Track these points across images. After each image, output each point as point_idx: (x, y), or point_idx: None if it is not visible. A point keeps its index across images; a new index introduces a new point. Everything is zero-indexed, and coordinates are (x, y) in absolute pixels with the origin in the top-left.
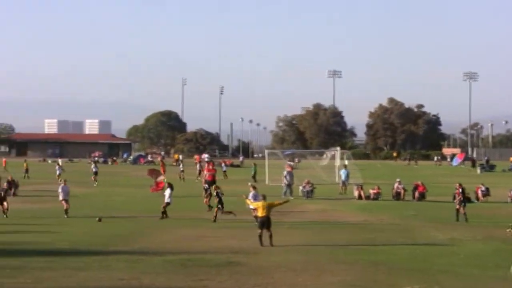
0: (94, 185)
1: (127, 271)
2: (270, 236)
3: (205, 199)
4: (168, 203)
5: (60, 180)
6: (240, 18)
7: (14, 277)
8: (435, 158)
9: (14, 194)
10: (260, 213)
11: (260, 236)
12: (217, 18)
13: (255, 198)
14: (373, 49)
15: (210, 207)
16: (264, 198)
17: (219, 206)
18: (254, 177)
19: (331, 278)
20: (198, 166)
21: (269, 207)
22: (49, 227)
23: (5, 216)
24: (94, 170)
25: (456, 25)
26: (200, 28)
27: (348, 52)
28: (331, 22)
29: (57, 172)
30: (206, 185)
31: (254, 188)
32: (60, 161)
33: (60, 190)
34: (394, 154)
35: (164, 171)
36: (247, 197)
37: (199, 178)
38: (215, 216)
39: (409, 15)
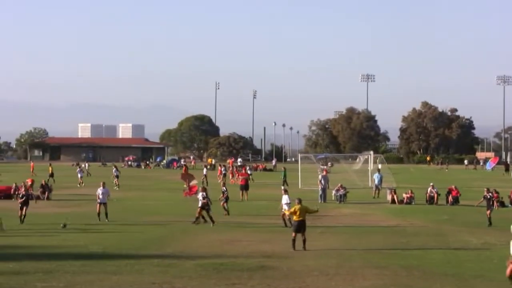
0: (115, 188)
1: (159, 275)
2: (304, 241)
3: (221, 203)
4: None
5: (81, 184)
6: (274, 22)
7: (47, 280)
8: (465, 162)
9: (48, 198)
10: (295, 217)
11: (294, 240)
12: (250, 23)
13: (288, 202)
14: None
15: (225, 210)
16: (300, 202)
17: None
18: (285, 181)
19: (364, 282)
20: (222, 169)
21: (304, 211)
22: (82, 231)
23: (20, 222)
24: (115, 173)
25: (490, 28)
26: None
27: (381, 56)
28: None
29: (79, 175)
30: (224, 188)
31: (286, 191)
32: (85, 164)
33: (99, 191)
34: (428, 158)
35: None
36: (282, 208)
37: (232, 179)
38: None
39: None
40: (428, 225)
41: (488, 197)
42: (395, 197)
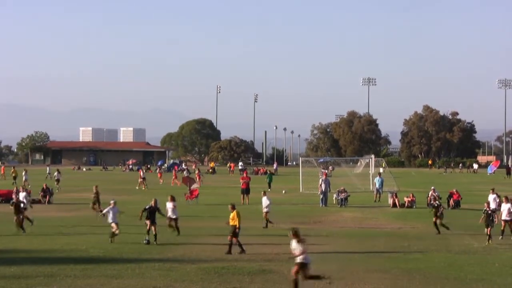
0: (56, 191)
1: (161, 279)
2: (240, 245)
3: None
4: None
5: (58, 189)
6: (274, 27)
7: (48, 284)
8: (460, 165)
9: (49, 202)
10: (232, 222)
11: (231, 245)
12: (252, 27)
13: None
14: (407, 57)
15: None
16: (234, 207)
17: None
18: (269, 184)
19: (365, 286)
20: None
21: (239, 216)
22: (83, 235)
23: (22, 231)
24: (57, 177)
25: (492, 32)
26: (235, 37)
27: (382, 59)
28: (366, 29)
29: (55, 178)
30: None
31: (265, 193)
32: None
33: (108, 210)
34: (429, 162)
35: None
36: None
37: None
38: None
39: (443, 23)
40: (430, 229)
41: (489, 212)
42: (396, 200)
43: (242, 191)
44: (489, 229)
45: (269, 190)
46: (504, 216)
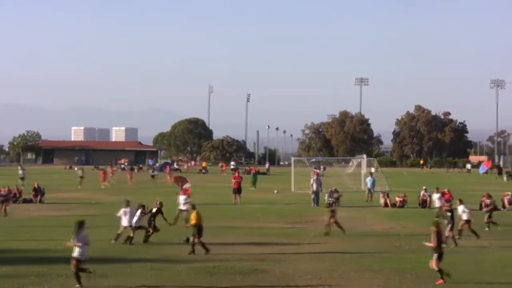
0: (78, 187)
1: (152, 278)
2: (203, 244)
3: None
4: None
5: (23, 185)
6: (266, 26)
7: (40, 284)
8: (454, 165)
9: (41, 201)
10: (194, 222)
11: (194, 244)
12: (245, 27)
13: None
14: (400, 57)
15: None
16: (194, 207)
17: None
18: (254, 183)
19: (357, 286)
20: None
21: (200, 216)
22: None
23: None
24: (21, 175)
25: (484, 32)
26: (227, 36)
27: (375, 59)
28: (359, 29)
29: (20, 176)
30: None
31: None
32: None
33: (121, 213)
34: (421, 162)
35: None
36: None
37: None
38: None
39: (435, 23)
40: (421, 228)
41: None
42: (388, 200)
43: (234, 190)
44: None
45: (252, 189)
46: (465, 216)
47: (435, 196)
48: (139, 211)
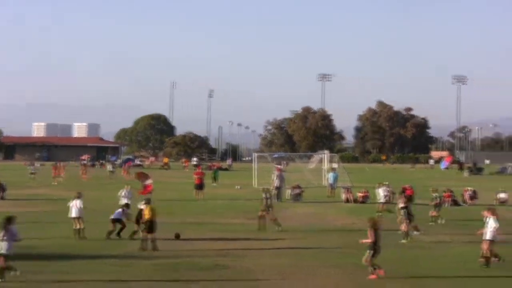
0: (29, 183)
1: (116, 275)
2: (153, 240)
3: None
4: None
5: None
6: (229, 21)
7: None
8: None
9: (2, 198)
10: (147, 217)
11: (144, 240)
12: (207, 21)
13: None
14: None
15: None
16: (148, 202)
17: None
18: (215, 178)
19: (319, 281)
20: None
21: (154, 211)
22: (39, 230)
23: None
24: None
25: (445, 28)
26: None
27: (338, 55)
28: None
29: None
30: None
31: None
32: None
33: (72, 204)
34: (383, 158)
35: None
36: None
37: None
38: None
39: (398, 18)
40: (383, 224)
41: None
42: (350, 196)
43: (196, 186)
44: (405, 224)
45: (214, 184)
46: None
47: (379, 191)
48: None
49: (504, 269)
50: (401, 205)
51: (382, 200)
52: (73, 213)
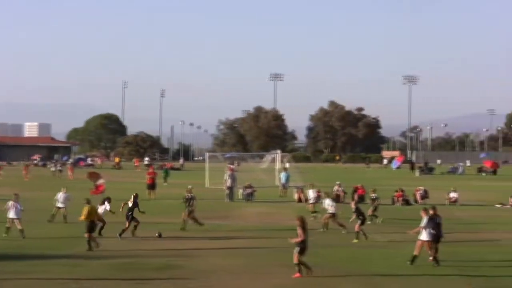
0: None
1: (67, 275)
2: (93, 241)
3: None
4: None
5: None
6: (180, 20)
7: None
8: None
9: None
10: (86, 217)
11: (90, 241)
12: (157, 20)
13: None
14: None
15: None
16: (89, 202)
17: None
18: (165, 179)
19: (271, 281)
20: None
21: (95, 211)
22: None
23: None
24: None
25: (397, 28)
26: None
27: (289, 55)
28: (272, 24)
29: None
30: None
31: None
32: None
33: (9, 206)
34: (337, 157)
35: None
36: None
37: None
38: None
39: (348, 17)
40: (334, 223)
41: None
42: (302, 196)
43: (148, 186)
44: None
45: (165, 184)
46: (331, 210)
47: (310, 192)
48: (106, 203)
49: (456, 269)
50: (353, 206)
51: (311, 201)
52: (11, 214)
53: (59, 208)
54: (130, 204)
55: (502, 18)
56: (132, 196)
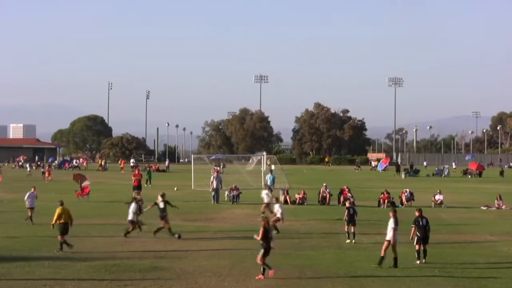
0: None
1: (50, 276)
2: (65, 243)
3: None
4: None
5: None
6: (166, 22)
7: None
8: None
9: None
10: (61, 219)
11: (62, 243)
12: (143, 21)
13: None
14: (299, 54)
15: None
16: (62, 203)
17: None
18: (149, 181)
19: (256, 283)
20: None
21: (68, 214)
22: None
23: None
24: None
25: (382, 30)
26: (127, 32)
27: (275, 57)
28: (258, 26)
29: None
30: None
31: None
32: None
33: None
34: (326, 160)
35: None
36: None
37: None
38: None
39: (334, 20)
40: (320, 225)
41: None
42: (287, 197)
43: (134, 188)
44: (349, 226)
45: (149, 185)
46: (279, 214)
47: (263, 193)
48: (133, 204)
49: (441, 270)
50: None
51: (265, 201)
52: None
53: (29, 208)
54: (162, 205)
55: (488, 20)
56: (160, 196)
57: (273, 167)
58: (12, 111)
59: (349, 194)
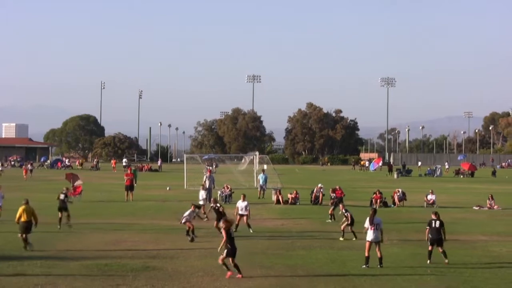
0: None
1: (43, 276)
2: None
3: None
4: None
5: None
6: (157, 22)
7: None
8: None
9: None
10: (23, 218)
11: (24, 240)
12: (136, 21)
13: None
14: (292, 54)
15: None
16: (27, 202)
17: None
18: (134, 180)
19: (249, 283)
20: None
21: (31, 213)
22: None
23: None
24: None
25: (374, 30)
26: (120, 32)
27: (267, 56)
28: (251, 26)
29: None
30: None
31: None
32: None
33: None
34: (326, 160)
35: None
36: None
37: None
38: None
39: (327, 20)
40: (313, 225)
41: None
42: (280, 197)
43: (126, 187)
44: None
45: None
46: (240, 211)
47: (200, 194)
48: (190, 210)
49: (433, 270)
50: (343, 210)
51: (201, 203)
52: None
53: None
54: (221, 209)
55: (481, 22)
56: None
57: (265, 166)
58: (4, 110)
59: (333, 194)
